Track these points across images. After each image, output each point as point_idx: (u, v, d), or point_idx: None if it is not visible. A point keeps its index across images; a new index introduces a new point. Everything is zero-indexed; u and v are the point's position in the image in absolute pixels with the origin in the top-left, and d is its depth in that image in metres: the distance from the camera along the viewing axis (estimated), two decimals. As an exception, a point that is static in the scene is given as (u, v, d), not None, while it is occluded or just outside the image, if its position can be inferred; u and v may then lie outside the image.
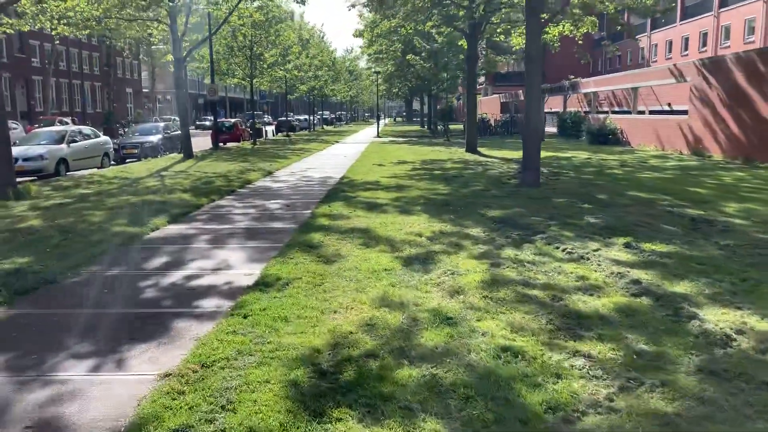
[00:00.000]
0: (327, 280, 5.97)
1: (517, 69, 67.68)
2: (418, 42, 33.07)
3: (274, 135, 47.54)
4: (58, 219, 9.49)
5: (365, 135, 46.68)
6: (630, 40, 49.66)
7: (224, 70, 33.51)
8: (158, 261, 7.08)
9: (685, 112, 22.05)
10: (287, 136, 45.16)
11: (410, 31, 26.56)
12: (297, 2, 22.48)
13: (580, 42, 24.24)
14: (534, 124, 12.26)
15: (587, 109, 36.49)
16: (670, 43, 46.53)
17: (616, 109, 33.65)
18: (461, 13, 22.52)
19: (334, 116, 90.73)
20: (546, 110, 43.16)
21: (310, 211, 10.40)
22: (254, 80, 34.31)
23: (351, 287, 5.69)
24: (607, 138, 26.75)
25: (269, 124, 59.13)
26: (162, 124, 26.81)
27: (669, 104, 30.82)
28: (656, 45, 49.01)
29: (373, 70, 52.34)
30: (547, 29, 25.26)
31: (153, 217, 9.58)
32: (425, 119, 63.93)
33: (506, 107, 54.43)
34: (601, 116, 29.72)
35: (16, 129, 32.05)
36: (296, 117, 65.53)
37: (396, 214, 9.59)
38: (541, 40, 12.55)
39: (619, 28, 24.39)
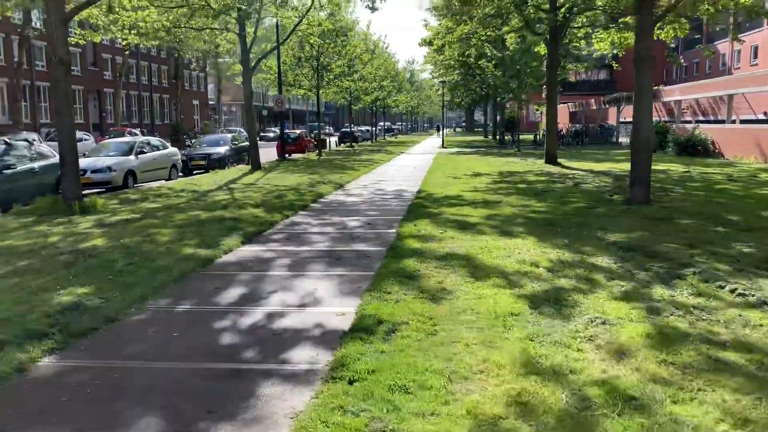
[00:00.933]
0: (441, 326, 4.80)
1: (585, 77, 65.32)
2: (489, 49, 31.76)
3: (336, 146, 47.02)
4: (123, 238, 8.70)
5: (428, 145, 45.56)
6: (706, 46, 46.78)
7: (290, 81, 33.06)
8: (234, 293, 6.07)
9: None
10: (351, 146, 44.52)
11: (483, 37, 25.27)
12: (368, 8, 21.59)
13: (672, 45, 22.46)
14: (644, 132, 10.78)
15: (667, 119, 34.20)
16: (755, 48, 43.38)
17: (701, 118, 31.33)
18: (543, 16, 21.13)
19: (394, 127, 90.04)
20: (621, 120, 41.03)
21: (393, 230, 9.29)
22: (320, 91, 33.71)
23: (475, 339, 4.49)
24: (695, 149, 24.63)
25: (331, 135, 58.83)
26: (229, 136, 26.42)
27: (765, 113, 28.37)
28: (739, 51, 45.86)
29: (438, 79, 51.26)
30: (627, 34, 23.58)
31: (225, 237, 8.67)
32: (488, 129, 62.30)
33: (574, 117, 52.23)
34: (688, 126, 27.55)
35: (87, 140, 32.50)
36: (358, 128, 65.06)
37: (495, 236, 8.34)
38: (652, 39, 11.08)
39: (718, 29, 22.45)
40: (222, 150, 23.98)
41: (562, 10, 19.79)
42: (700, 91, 28.60)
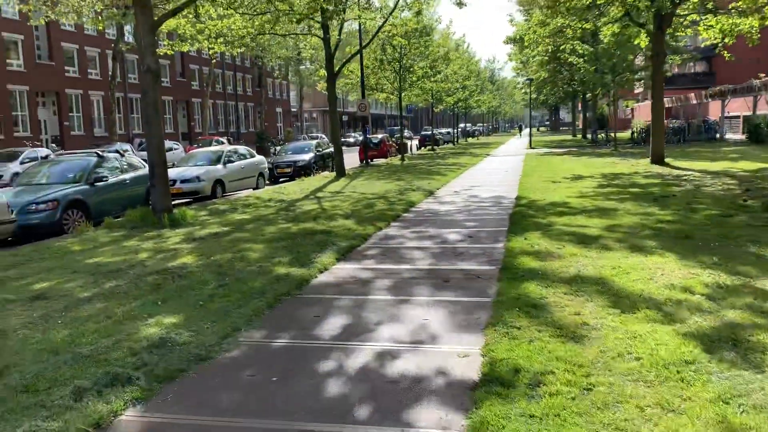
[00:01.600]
0: (595, 377, 3.84)
1: (681, 71, 61.20)
2: (578, 45, 30.03)
3: (417, 150, 46.24)
4: (213, 255, 8.21)
5: (514, 147, 43.94)
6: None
7: (373, 84, 32.57)
8: (335, 323, 5.34)
9: None
10: (432, 150, 43.60)
11: (579, 31, 23.73)
12: (456, 4, 20.61)
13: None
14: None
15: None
16: None
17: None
18: (645, 4, 19.49)
19: (475, 128, 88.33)
20: (726, 115, 37.94)
21: (501, 245, 8.34)
22: (402, 94, 33.02)
23: (648, 400, 3.51)
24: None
25: (411, 138, 58.16)
26: (314, 143, 26.16)
27: None
28: None
29: (525, 77, 49.48)
30: (740, 20, 21.46)
31: (318, 253, 8.02)
32: (576, 128, 59.65)
33: (672, 112, 49.01)
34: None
35: (177, 149, 33.34)
36: (438, 130, 64.06)
37: (625, 252, 7.22)
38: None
39: None
40: (307, 157, 23.71)
41: (669, -3, 18.08)
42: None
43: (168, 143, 33.08)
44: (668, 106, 51.55)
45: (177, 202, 15.37)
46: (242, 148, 20.24)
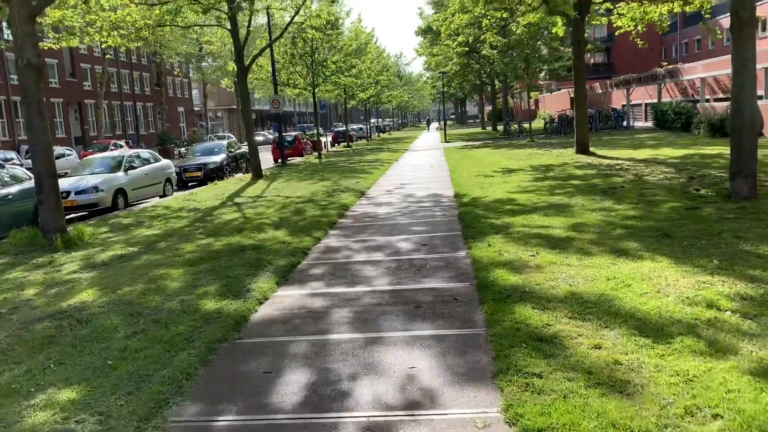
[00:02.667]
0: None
1: (586, 62, 63.30)
2: (491, 36, 29.77)
3: (332, 146, 44.90)
4: (121, 287, 6.66)
5: (428, 141, 43.53)
6: (699, 26, 45.07)
7: (284, 80, 30.93)
8: (293, 382, 4.06)
9: None
10: (348, 146, 42.44)
11: (495, 21, 23.26)
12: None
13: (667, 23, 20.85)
14: (749, 112, 8.85)
15: (680, 99, 32.36)
16: (764, 22, 41.51)
17: (721, 96, 29.51)
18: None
19: (386, 123, 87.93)
20: (632, 103, 39.15)
21: (463, 252, 7.33)
22: (316, 89, 31.59)
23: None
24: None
25: (324, 135, 56.67)
26: (225, 142, 24.21)
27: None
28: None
29: (430, 72, 49.20)
30: (650, 8, 21.75)
31: (252, 277, 6.68)
32: (487, 120, 60.29)
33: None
34: (717, 105, 25.70)
35: (70, 156, 30.39)
36: (351, 126, 62.92)
37: (609, 257, 6.37)
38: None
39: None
40: (218, 159, 21.87)
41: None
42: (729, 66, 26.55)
43: (59, 149, 30.03)
44: (573, 97, 53.09)
45: (72, 216, 13.39)
46: (145, 152, 18.20)
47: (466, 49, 36.30)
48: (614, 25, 22.57)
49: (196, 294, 6.19)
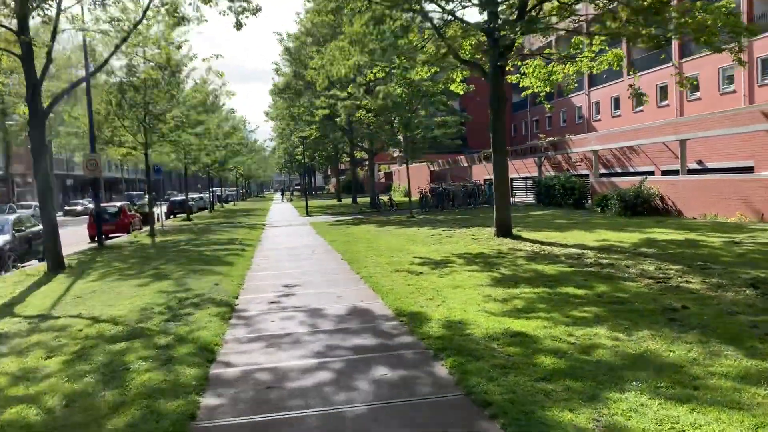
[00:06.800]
0: None
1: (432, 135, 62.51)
2: (364, 98, 25.85)
3: (166, 219, 37.74)
4: None
5: (285, 214, 38.04)
6: (562, 99, 45.67)
7: (106, 137, 24.04)
8: None
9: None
10: (188, 219, 35.54)
11: (379, 71, 19.06)
12: (234, 26, 14.45)
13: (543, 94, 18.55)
14: None
15: (553, 173, 30.57)
16: (616, 99, 42.50)
17: (618, 170, 27.96)
18: (483, 39, 15.67)
19: (229, 192, 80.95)
20: (512, 176, 37.04)
21: None
22: (149, 150, 25.04)
23: None
24: (641, 207, 20.32)
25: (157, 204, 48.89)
26: (11, 217, 17.00)
27: (700, 162, 25.47)
28: (598, 102, 45.12)
29: (278, 140, 44.41)
30: (557, 67, 19.14)
31: None
32: (330, 192, 56.31)
33: (439, 176, 48.05)
34: (618, 180, 23.52)
35: None
36: (190, 195, 55.56)
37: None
38: None
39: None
40: (-4, 242, 14.82)
41: (517, 33, 14.12)
42: (635, 137, 24.63)
43: None
44: (433, 170, 50.94)
45: None
46: None
47: (327, 111, 32.04)
48: (520, 85, 19.52)
49: None
